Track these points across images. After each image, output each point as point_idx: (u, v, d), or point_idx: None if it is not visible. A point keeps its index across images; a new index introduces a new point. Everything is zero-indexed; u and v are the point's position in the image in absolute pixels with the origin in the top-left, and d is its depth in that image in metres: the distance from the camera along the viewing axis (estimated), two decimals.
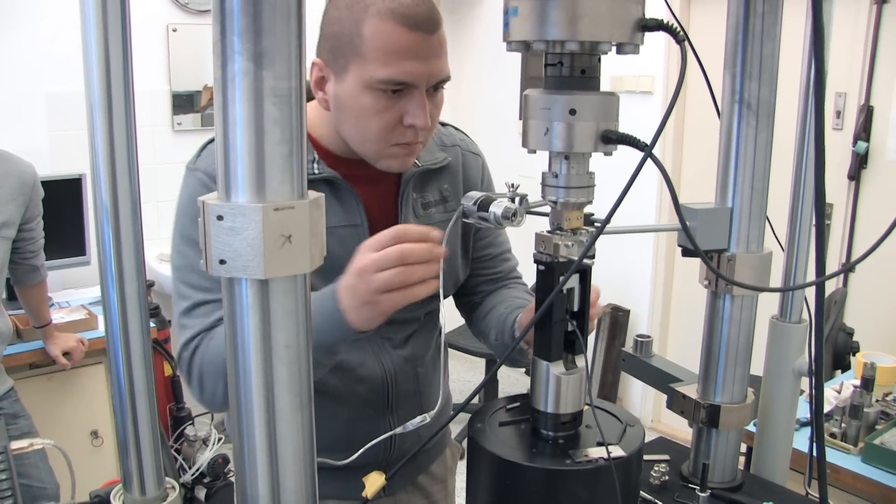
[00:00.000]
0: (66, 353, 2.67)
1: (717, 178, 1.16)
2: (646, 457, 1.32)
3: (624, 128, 0.86)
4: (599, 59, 0.87)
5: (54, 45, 3.12)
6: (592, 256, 0.96)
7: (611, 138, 0.85)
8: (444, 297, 1.38)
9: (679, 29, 0.81)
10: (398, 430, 1.06)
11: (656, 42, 1.10)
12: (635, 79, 3.95)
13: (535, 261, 0.92)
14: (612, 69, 4.05)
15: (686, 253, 1.15)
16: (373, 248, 0.95)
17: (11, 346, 2.63)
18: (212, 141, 1.21)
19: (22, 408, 2.44)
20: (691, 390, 1.24)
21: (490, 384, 4.20)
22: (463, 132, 1.41)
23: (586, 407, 1.00)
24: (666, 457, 1.31)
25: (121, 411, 0.68)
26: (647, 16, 0.83)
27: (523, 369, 3.97)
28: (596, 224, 0.99)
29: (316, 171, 1.19)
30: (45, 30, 3.12)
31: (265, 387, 0.68)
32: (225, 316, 0.67)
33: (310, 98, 1.22)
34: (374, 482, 0.97)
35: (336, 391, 1.28)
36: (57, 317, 2.86)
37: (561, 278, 0.91)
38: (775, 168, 1.16)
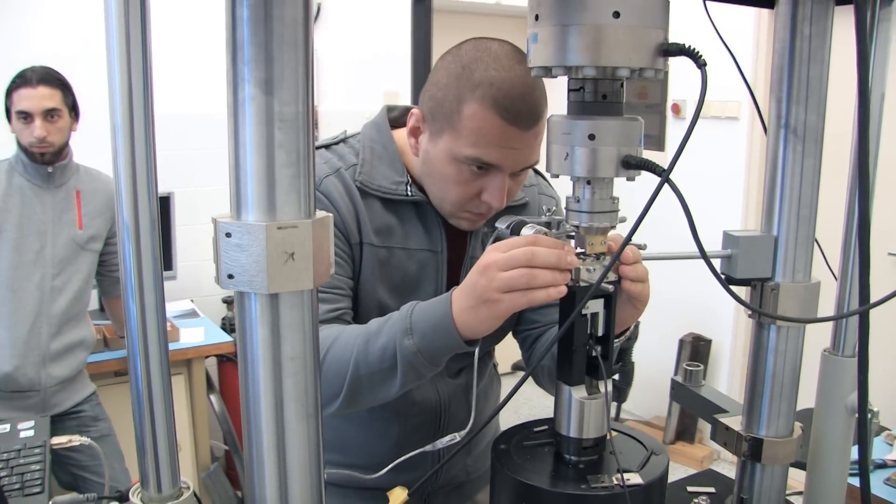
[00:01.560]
0: None
1: (762, 206, 1.13)
2: (689, 488, 1.29)
3: (708, 154, 0.85)
4: (622, 85, 0.87)
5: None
6: (616, 282, 0.96)
7: (630, 163, 0.85)
8: (505, 333, 1.40)
9: (700, 54, 0.80)
10: (427, 447, 1.08)
11: (742, 66, 1.09)
12: (721, 104, 3.86)
13: None
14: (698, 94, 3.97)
15: (730, 281, 1.13)
16: (502, 249, 0.95)
17: (98, 354, 2.79)
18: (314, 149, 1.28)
19: (102, 411, 2.58)
20: (735, 422, 1.21)
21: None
22: (542, 174, 1.43)
23: (612, 433, 0.99)
24: (711, 489, 1.27)
25: (139, 415, 0.72)
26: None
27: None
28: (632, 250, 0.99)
29: (408, 194, 1.23)
30: None
31: (274, 396, 0.71)
32: (237, 328, 0.70)
33: (401, 124, 1.27)
34: (397, 497, 0.99)
35: (390, 412, 1.31)
36: None
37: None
38: (835, 194, 1.12)
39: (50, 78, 2.33)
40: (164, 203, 3.26)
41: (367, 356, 1.05)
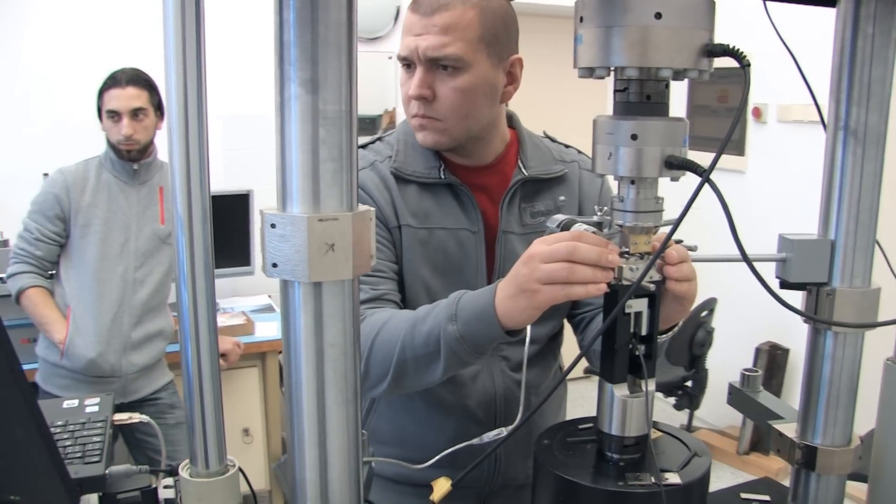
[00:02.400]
0: (222, 355, 2.91)
1: (819, 209, 1.11)
2: (743, 495, 1.28)
3: (791, 158, 0.85)
4: (667, 85, 0.87)
5: (230, 72, 3.45)
6: (661, 281, 0.96)
7: (673, 164, 0.85)
8: (558, 318, 1.41)
9: (744, 55, 0.80)
10: (474, 441, 1.10)
11: (826, 69, 1.08)
12: (803, 108, 3.74)
13: None
14: (780, 98, 3.87)
15: (784, 285, 1.11)
16: (548, 242, 0.97)
17: (178, 344, 2.91)
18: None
19: (179, 399, 2.69)
20: (790, 429, 1.19)
21: None
22: (586, 155, 1.44)
23: (657, 433, 0.99)
24: (766, 497, 1.25)
25: (189, 398, 0.77)
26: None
27: (673, 401, 3.86)
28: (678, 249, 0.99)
29: (441, 177, 1.29)
30: (223, 57, 3.45)
31: (316, 381, 0.74)
32: (281, 316, 0.74)
33: None
34: (441, 486, 1.01)
35: (447, 406, 1.33)
36: (219, 321, 3.10)
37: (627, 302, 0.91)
38: None
39: (138, 79, 2.45)
40: (244, 200, 3.37)
41: (413, 340, 1.09)
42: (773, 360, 3.97)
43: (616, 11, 0.81)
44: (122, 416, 0.98)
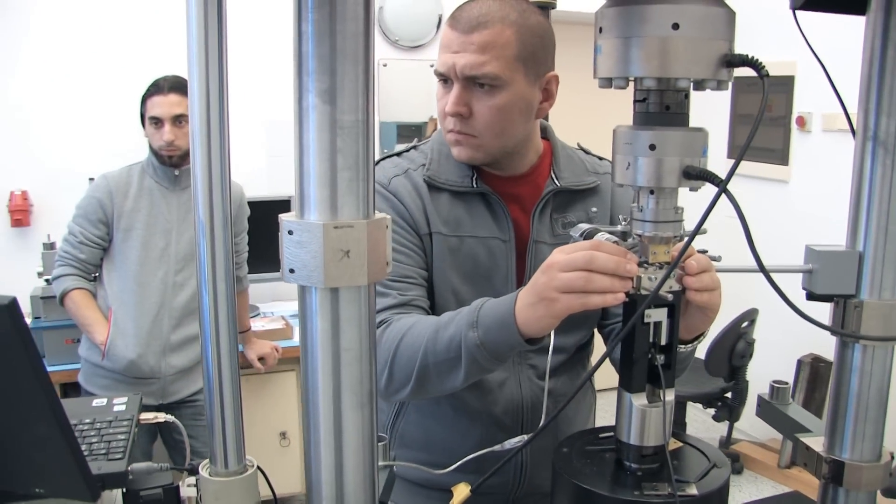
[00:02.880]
0: (261, 358, 2.96)
1: (848, 220, 1.10)
2: None
3: (834, 169, 0.84)
4: (686, 95, 0.87)
5: (274, 79, 3.51)
6: (680, 291, 0.96)
7: (690, 174, 0.85)
8: (588, 328, 1.41)
9: (762, 65, 0.80)
10: (496, 447, 1.11)
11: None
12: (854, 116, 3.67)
13: None
14: (825, 107, 3.79)
15: (811, 297, 1.10)
16: (567, 251, 0.99)
17: None
18: (384, 158, 1.37)
19: None
20: (817, 443, 1.17)
21: (677, 426, 4.04)
22: None
23: (677, 443, 0.99)
24: None
25: (209, 399, 0.79)
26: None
27: (713, 412, 3.80)
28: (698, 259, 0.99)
29: (474, 186, 1.31)
30: (266, 64, 3.52)
31: (332, 385, 0.76)
32: (299, 320, 0.76)
33: None
34: (461, 492, 1.02)
35: (473, 411, 1.34)
36: (258, 325, 3.17)
37: (646, 312, 0.91)
38: None
39: (180, 86, 2.51)
40: (286, 206, 3.43)
41: (436, 345, 1.11)
42: (815, 372, 3.89)
43: (634, 22, 0.82)
44: (148, 416, 1.01)
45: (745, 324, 3.54)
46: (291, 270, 0.72)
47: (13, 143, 3.37)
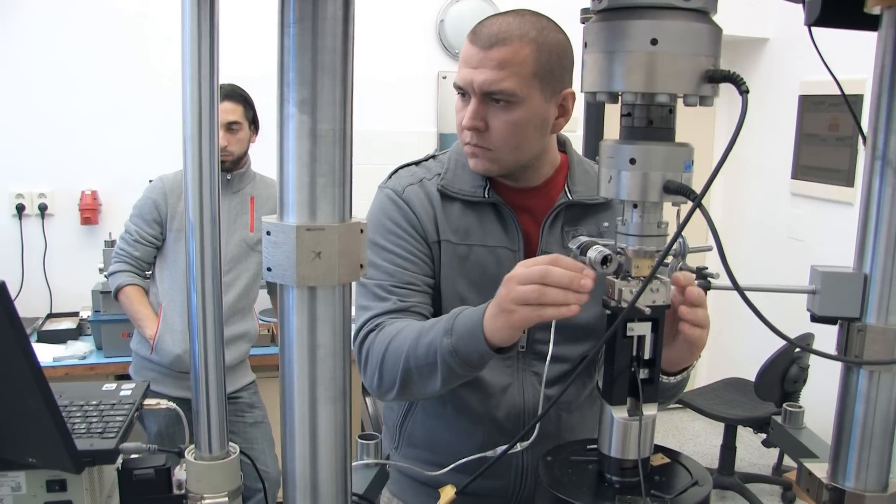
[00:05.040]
0: None
1: (855, 242, 1.08)
2: None
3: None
4: (671, 111, 0.88)
5: (262, 89, 3.59)
6: (665, 306, 0.96)
7: (669, 188, 0.86)
8: (594, 339, 1.42)
9: (743, 81, 0.80)
10: (488, 453, 1.12)
11: None
12: None
13: (603, 305, 0.95)
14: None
15: (814, 318, 1.08)
16: (526, 265, 1.03)
17: (265, 348, 3.05)
18: (402, 167, 1.41)
19: (259, 400, 2.81)
20: (821, 469, 1.14)
21: (727, 451, 3.98)
22: None
23: (664, 459, 0.99)
24: None
25: (195, 388, 0.84)
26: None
27: (763, 437, 3.71)
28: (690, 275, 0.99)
29: (486, 197, 1.34)
30: (253, 76, 3.60)
31: (308, 379, 0.79)
32: (278, 316, 0.80)
33: None
34: (446, 493, 1.04)
35: (476, 414, 1.37)
36: None
37: (629, 325, 0.92)
38: None
39: (234, 94, 2.61)
40: None
41: (416, 350, 1.16)
42: None
43: (615, 38, 0.83)
44: (150, 402, 1.07)
45: (797, 350, 3.44)
46: (269, 269, 0.76)
47: (86, 146, 3.55)
